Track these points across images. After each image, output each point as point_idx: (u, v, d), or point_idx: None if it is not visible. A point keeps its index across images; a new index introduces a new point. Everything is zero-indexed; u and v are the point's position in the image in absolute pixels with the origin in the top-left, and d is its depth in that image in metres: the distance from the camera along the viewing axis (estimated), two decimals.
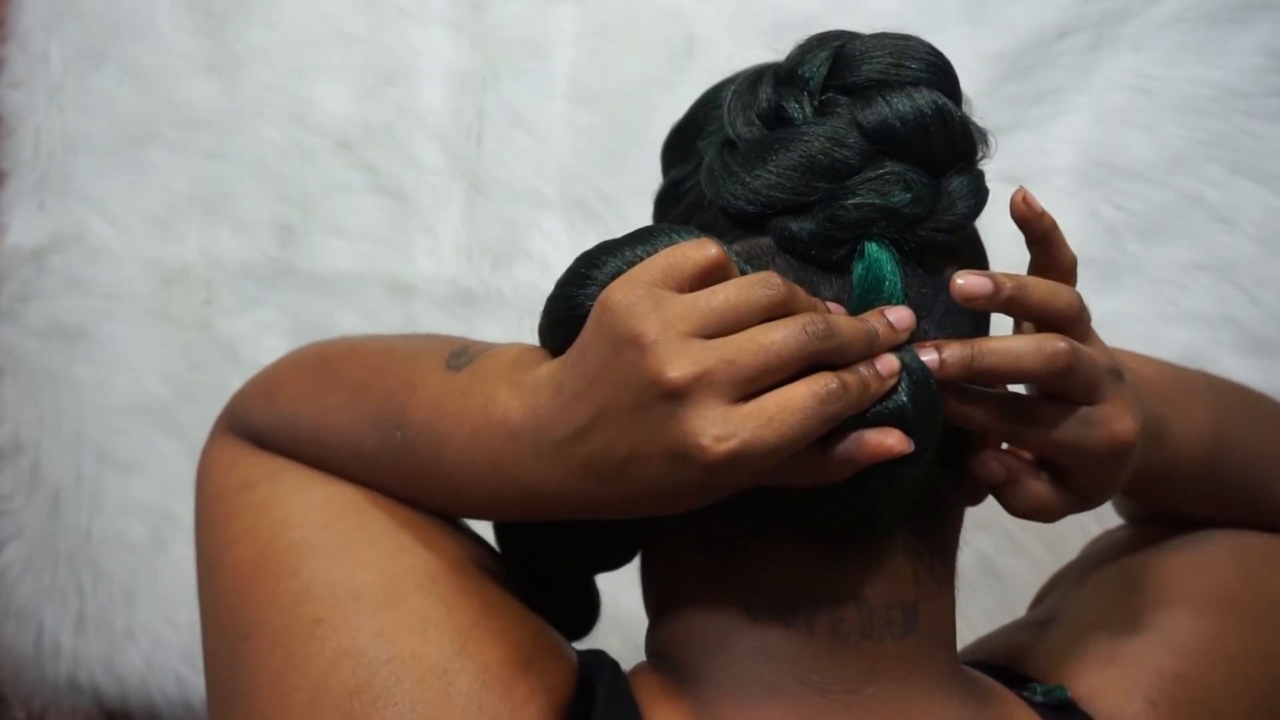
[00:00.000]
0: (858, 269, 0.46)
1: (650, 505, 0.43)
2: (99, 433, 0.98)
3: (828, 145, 0.46)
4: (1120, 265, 0.96)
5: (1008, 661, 0.54)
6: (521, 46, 1.03)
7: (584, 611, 0.60)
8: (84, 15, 1.03)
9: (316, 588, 0.47)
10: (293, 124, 1.02)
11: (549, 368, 0.45)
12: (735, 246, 0.47)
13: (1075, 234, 0.95)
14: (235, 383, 1.00)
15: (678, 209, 0.55)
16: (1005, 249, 0.56)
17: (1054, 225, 0.47)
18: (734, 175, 0.48)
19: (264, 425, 0.54)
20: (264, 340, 1.00)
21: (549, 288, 1.13)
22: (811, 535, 0.46)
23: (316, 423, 0.52)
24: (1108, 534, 0.66)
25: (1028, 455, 0.47)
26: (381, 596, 0.46)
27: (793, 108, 0.48)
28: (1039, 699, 0.50)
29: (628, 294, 0.41)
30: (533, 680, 0.45)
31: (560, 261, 1.03)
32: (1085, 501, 0.47)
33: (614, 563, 0.58)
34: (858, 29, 0.99)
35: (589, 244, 1.10)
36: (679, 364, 0.39)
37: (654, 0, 1.02)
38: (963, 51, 0.99)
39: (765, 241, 0.48)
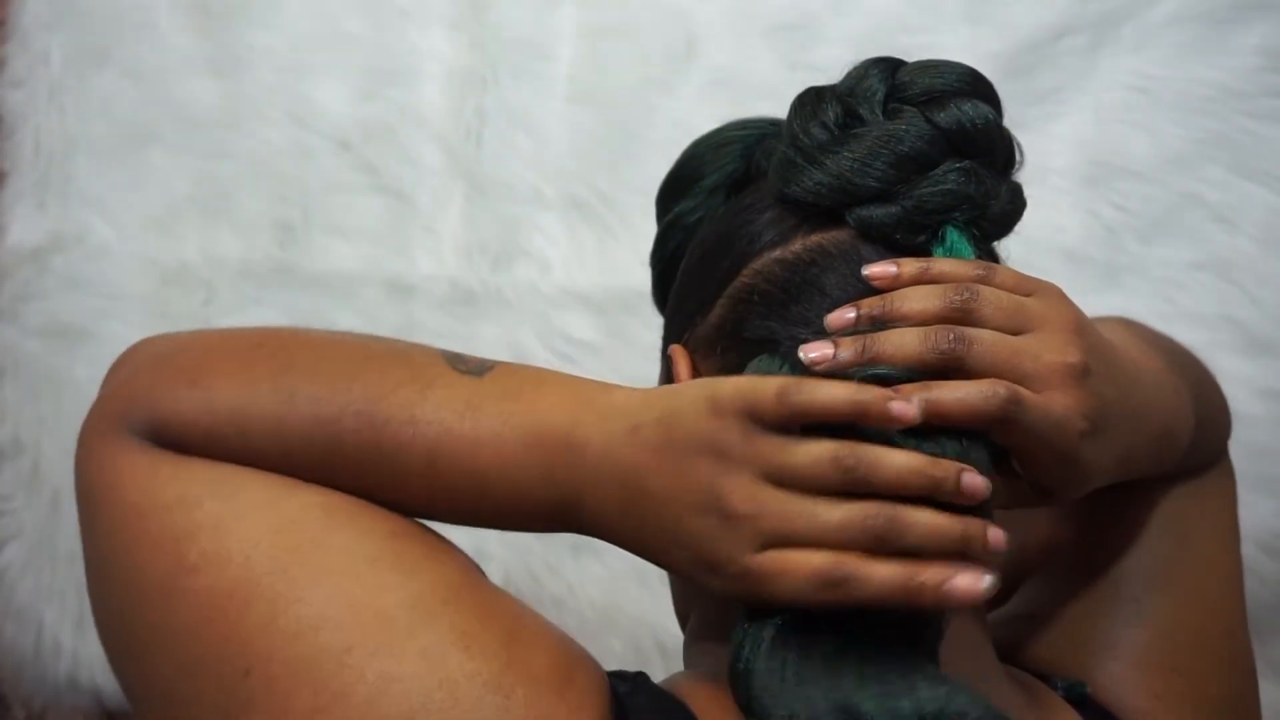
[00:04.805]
0: (938, 252, 0.49)
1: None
2: None
3: (915, 140, 0.49)
4: (1120, 265, 0.96)
5: (1012, 658, 0.54)
6: (521, 46, 1.03)
7: None
8: (84, 15, 1.03)
9: (336, 613, 0.43)
10: (293, 124, 1.02)
11: (625, 399, 0.47)
12: (812, 238, 0.50)
13: (1075, 234, 0.96)
14: None
15: (679, 238, 0.59)
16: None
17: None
18: (818, 164, 0.50)
19: (192, 418, 0.47)
20: None
21: (549, 288, 1.13)
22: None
23: (278, 413, 0.47)
24: (1034, 513, 0.64)
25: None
26: (415, 616, 0.44)
27: (865, 111, 0.51)
28: (1062, 694, 0.51)
29: (725, 412, 0.44)
30: (580, 684, 0.44)
31: (560, 261, 1.04)
32: (1042, 496, 0.48)
33: None
34: (858, 29, 1.00)
35: (588, 244, 1.10)
36: (743, 496, 0.42)
37: (654, 0, 1.02)
38: (962, 51, 0.99)
39: (843, 233, 0.50)
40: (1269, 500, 0.90)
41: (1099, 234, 0.96)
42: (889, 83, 0.52)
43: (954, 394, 0.43)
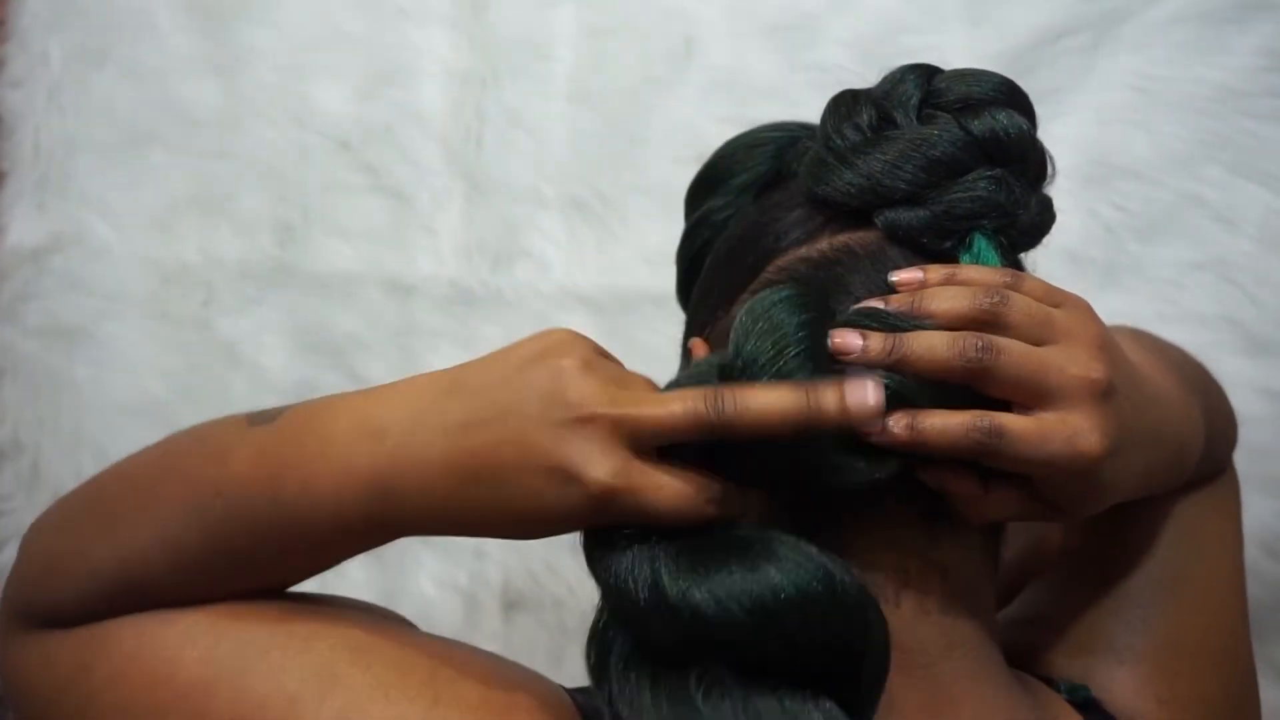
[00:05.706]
0: (965, 258, 0.49)
1: (513, 518, 0.43)
2: (99, 433, 0.98)
3: (947, 145, 0.49)
4: (1120, 265, 0.96)
5: (1016, 661, 0.54)
6: (521, 46, 1.03)
7: None
8: (84, 15, 1.03)
9: (242, 712, 0.43)
10: (293, 124, 1.02)
11: (423, 377, 0.46)
12: (839, 238, 0.50)
13: (1075, 234, 0.96)
14: (235, 383, 1.01)
15: (706, 235, 0.58)
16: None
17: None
18: (849, 165, 0.50)
19: (58, 600, 0.48)
20: (264, 340, 1.00)
21: (549, 288, 1.13)
22: (919, 508, 0.47)
23: (117, 559, 0.47)
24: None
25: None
26: (320, 685, 0.43)
27: (899, 115, 0.51)
28: (1065, 697, 0.51)
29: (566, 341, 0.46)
30: (525, 705, 0.44)
31: (560, 261, 1.04)
32: (1057, 513, 0.47)
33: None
34: (858, 29, 1.00)
35: (588, 244, 1.10)
36: (597, 398, 0.42)
37: (654, 0, 1.02)
38: (963, 51, 0.99)
39: (871, 235, 0.50)
40: (1269, 500, 0.90)
41: (1099, 234, 0.96)
42: (924, 88, 0.52)
43: (937, 423, 0.44)
